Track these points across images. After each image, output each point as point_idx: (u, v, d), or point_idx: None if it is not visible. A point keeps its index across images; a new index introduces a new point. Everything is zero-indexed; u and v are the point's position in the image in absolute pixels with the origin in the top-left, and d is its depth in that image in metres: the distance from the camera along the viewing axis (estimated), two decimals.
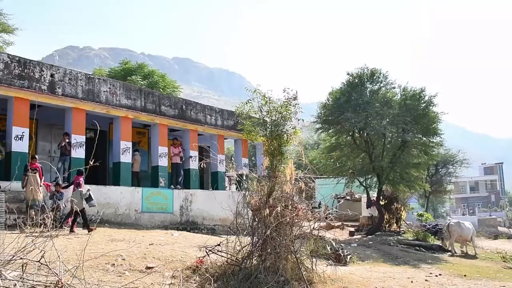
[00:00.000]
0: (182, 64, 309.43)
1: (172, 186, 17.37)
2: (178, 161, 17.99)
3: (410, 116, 18.91)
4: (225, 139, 20.99)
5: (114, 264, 7.88)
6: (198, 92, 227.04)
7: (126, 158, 16.29)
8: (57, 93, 14.61)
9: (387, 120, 19.26)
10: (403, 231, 21.77)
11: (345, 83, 20.43)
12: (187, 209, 17.44)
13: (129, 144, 16.51)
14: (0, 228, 5.59)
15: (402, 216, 23.08)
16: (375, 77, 20.43)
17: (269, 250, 8.14)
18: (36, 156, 13.37)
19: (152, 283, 7.17)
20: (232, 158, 19.96)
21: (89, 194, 12.26)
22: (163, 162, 17.61)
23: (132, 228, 14.01)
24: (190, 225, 17.08)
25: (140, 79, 27.95)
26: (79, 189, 12.28)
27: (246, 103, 9.09)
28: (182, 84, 37.60)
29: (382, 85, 20.70)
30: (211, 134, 19.69)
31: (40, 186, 11.97)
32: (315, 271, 8.56)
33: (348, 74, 20.41)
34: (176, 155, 17.87)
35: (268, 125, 9.01)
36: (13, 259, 4.53)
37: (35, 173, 12.07)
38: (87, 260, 5.46)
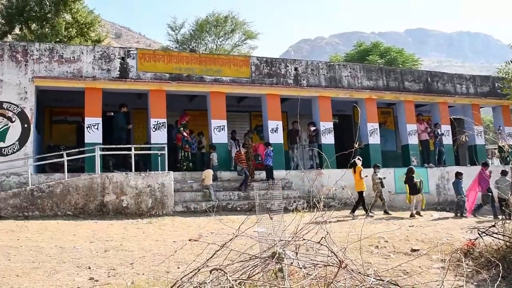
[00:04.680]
0: (415, 35, 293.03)
1: (426, 165, 16.44)
2: (427, 138, 17.01)
3: None
4: (480, 107, 18.73)
5: (377, 246, 7.86)
6: (438, 62, 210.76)
7: (374, 139, 16.26)
8: (302, 84, 15.67)
9: None
10: None
11: None
12: (444, 188, 16.28)
13: (376, 125, 16.48)
14: (279, 212, 6.13)
15: None
16: None
17: None
18: None
19: (419, 266, 6.83)
20: (500, 128, 17.53)
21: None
22: (413, 140, 16.91)
23: (388, 209, 13.81)
24: (449, 205, 15.86)
25: (378, 58, 27.58)
26: (504, 177, 12.18)
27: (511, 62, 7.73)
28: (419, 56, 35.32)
29: None
30: (463, 104, 18.06)
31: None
32: None
33: None
34: (423, 132, 16.96)
35: None
36: (292, 240, 4.92)
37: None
38: (352, 243, 5.51)
